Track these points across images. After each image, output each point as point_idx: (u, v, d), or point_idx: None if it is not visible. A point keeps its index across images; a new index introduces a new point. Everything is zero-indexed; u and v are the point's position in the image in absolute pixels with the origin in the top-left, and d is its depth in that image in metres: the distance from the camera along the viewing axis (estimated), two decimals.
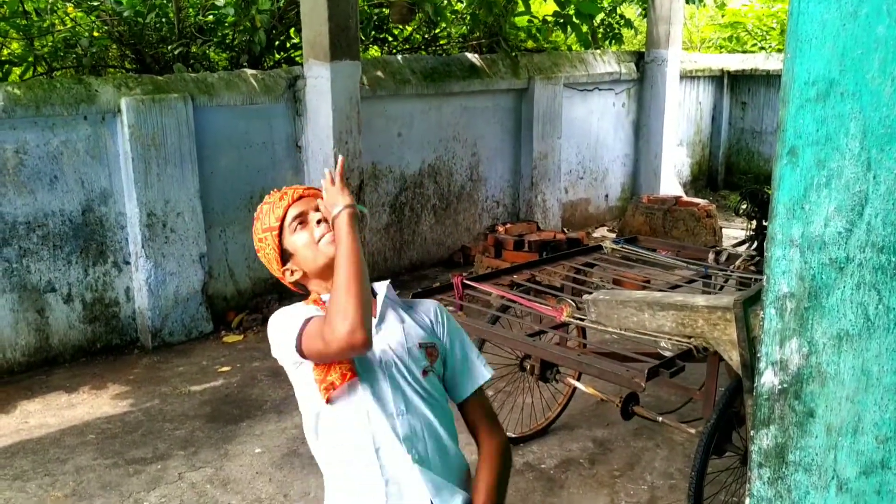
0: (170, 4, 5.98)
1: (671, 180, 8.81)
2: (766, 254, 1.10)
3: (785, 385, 1.12)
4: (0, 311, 4.50)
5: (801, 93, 1.04)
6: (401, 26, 7.38)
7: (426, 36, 7.67)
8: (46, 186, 4.58)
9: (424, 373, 1.70)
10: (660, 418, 3.07)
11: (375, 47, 7.36)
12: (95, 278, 4.86)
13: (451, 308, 3.43)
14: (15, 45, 6.51)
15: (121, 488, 3.41)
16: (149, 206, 4.87)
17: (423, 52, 7.38)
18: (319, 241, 1.70)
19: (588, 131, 8.20)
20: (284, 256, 1.76)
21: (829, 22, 1.00)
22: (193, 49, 6.16)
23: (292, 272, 1.76)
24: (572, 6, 7.19)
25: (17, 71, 6.11)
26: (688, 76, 9.21)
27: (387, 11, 6.97)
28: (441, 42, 7.71)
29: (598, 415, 4.02)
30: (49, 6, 5.91)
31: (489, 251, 6.17)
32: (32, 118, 4.45)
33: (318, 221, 1.71)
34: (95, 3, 5.80)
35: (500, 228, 6.49)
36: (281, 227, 1.73)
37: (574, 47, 8.42)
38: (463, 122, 6.82)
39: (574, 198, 8.23)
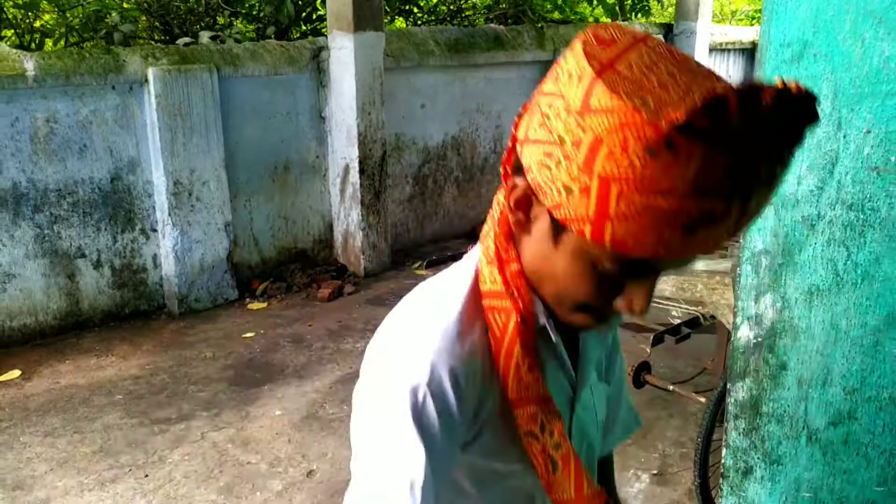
0: None
1: None
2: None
3: (759, 339, 1.16)
4: (32, 275, 4.65)
5: (777, 54, 1.07)
6: None
7: (451, 7, 7.67)
8: (76, 155, 4.70)
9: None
10: (671, 387, 3.11)
11: (401, 19, 7.38)
12: (123, 245, 4.99)
13: None
14: (47, 17, 6.64)
15: (146, 446, 3.54)
16: (175, 175, 4.97)
17: (449, 24, 7.38)
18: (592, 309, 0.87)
19: None
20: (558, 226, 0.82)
21: None
22: (220, 20, 6.23)
23: (520, 222, 0.87)
24: None
25: (49, 42, 6.24)
26: (717, 49, 9.09)
27: None
28: (466, 13, 7.70)
29: None
30: None
31: None
32: (63, 88, 4.56)
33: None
34: None
35: None
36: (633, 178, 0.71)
37: (601, 19, 8.35)
38: (487, 93, 6.82)
39: None
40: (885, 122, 0.99)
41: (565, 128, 0.73)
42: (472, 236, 6.79)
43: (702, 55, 8.31)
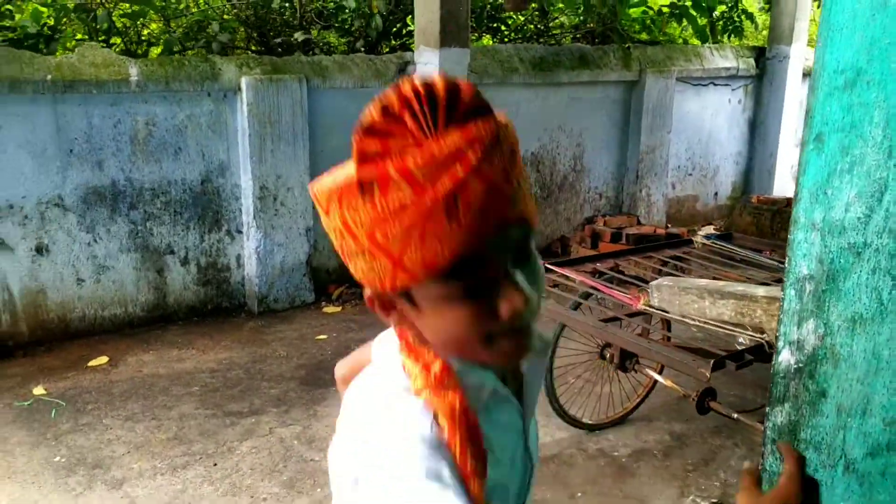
0: None
1: (786, 181, 8.50)
2: (789, 237, 1.14)
3: (800, 364, 1.16)
4: (125, 269, 4.91)
5: (830, 81, 1.07)
6: (514, 15, 7.45)
7: (539, 26, 7.71)
8: (171, 157, 4.95)
9: None
10: (735, 415, 3.06)
11: (488, 36, 7.47)
12: (210, 244, 5.21)
13: None
14: (154, 26, 7.02)
15: (217, 436, 3.69)
16: (262, 180, 5.17)
17: (536, 43, 7.42)
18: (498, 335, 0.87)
19: (700, 127, 8.02)
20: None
21: (860, 12, 1.03)
22: (314, 33, 6.45)
23: (394, 314, 0.93)
24: None
25: (154, 50, 6.58)
26: (811, 74, 8.84)
27: (501, 0, 7.06)
28: (554, 31, 7.74)
29: (679, 409, 4.00)
30: None
31: (585, 242, 6.19)
32: (162, 93, 4.82)
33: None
34: None
35: (600, 220, 6.48)
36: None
37: (690, 40, 8.24)
38: (569, 112, 6.83)
39: (681, 194, 8.08)
40: None
41: (330, 226, 0.86)
42: (547, 253, 6.79)
43: (795, 80, 8.10)
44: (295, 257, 5.42)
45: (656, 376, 3.50)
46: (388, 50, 6.70)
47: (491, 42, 7.31)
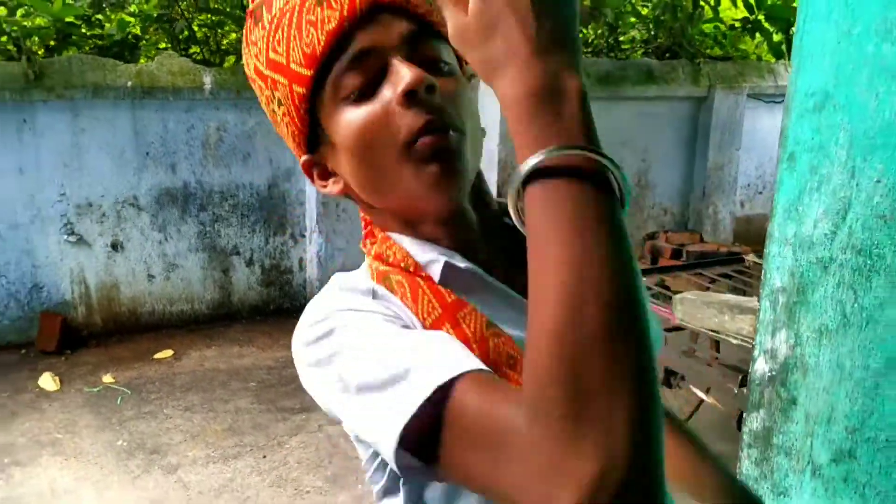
0: None
1: None
2: (765, 251, 1.20)
3: (774, 373, 1.21)
4: (193, 267, 5.17)
5: (802, 103, 1.13)
6: (584, 30, 7.48)
7: (609, 41, 7.72)
8: (240, 162, 5.19)
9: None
10: None
11: None
12: (274, 247, 5.43)
13: None
14: (233, 36, 7.33)
15: (268, 430, 3.86)
16: None
17: (605, 57, 7.44)
18: (413, 141, 0.76)
19: (772, 145, 7.87)
20: (314, 138, 0.84)
21: (828, 39, 1.09)
22: None
23: (332, 178, 0.86)
24: (763, 11, 6.95)
25: (231, 59, 6.88)
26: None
27: None
28: (624, 46, 7.73)
29: (729, 428, 3.97)
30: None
31: (645, 258, 6.16)
32: (233, 101, 5.06)
33: (415, 89, 0.75)
34: None
35: (662, 236, 6.44)
36: (314, 80, 0.78)
37: (765, 56, 8.10)
38: (634, 126, 6.82)
39: (750, 212, 7.94)
40: (894, 173, 1.02)
41: (256, 91, 0.85)
42: None
43: None
44: (354, 263, 5.49)
45: (700, 393, 3.49)
46: None
47: None
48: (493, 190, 5.70)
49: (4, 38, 5.03)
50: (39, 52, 5.01)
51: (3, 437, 3.72)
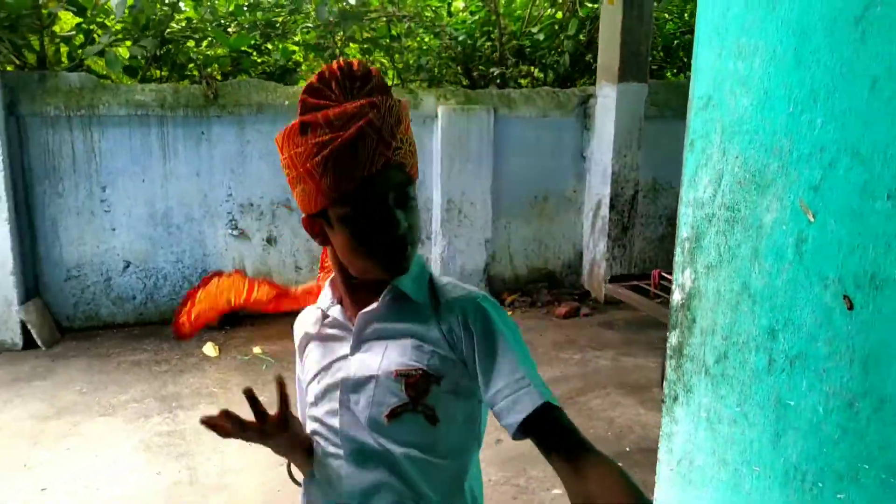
0: (495, 31, 7.11)
1: None
2: (677, 212, 1.64)
3: (683, 300, 1.65)
4: None
5: (696, 104, 1.58)
6: None
7: None
8: None
9: (392, 414, 1.23)
10: None
11: (672, 70, 7.81)
12: None
13: (636, 298, 3.91)
14: (385, 61, 8.19)
15: None
16: (449, 195, 5.99)
17: None
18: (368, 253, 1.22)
19: None
20: (317, 213, 1.23)
21: (708, 58, 1.54)
22: (511, 69, 7.23)
23: (319, 238, 1.28)
24: None
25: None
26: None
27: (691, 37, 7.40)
28: None
29: None
30: (405, 31, 7.39)
31: None
32: None
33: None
34: (437, 31, 7.14)
35: None
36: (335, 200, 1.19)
37: None
38: None
39: None
40: (746, 151, 1.44)
41: (283, 162, 1.23)
42: None
43: None
44: (474, 264, 6.18)
45: None
46: (582, 83, 7.31)
47: (672, 77, 7.66)
48: (606, 200, 6.01)
49: (191, 65, 6.05)
50: (218, 77, 5.99)
51: (173, 387, 4.59)
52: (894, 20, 1.16)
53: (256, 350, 5.17)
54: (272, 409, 1.27)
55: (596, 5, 6.79)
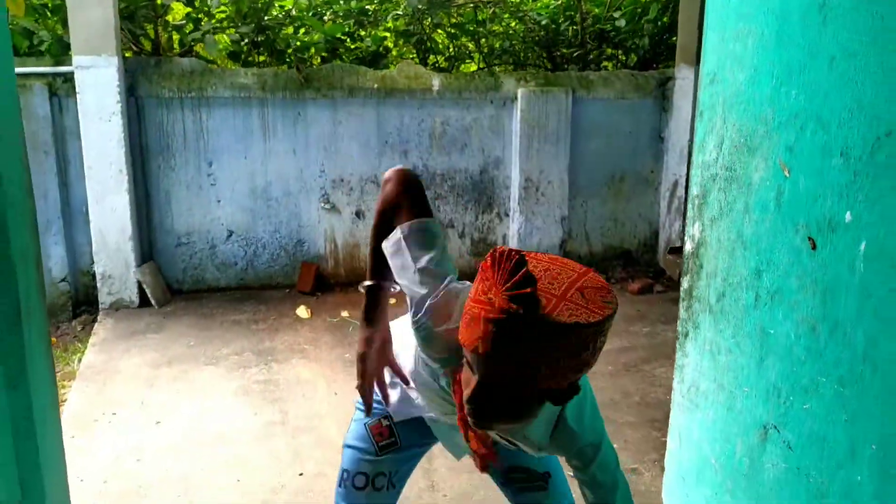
0: (577, 15, 7.32)
1: None
2: (690, 172, 1.91)
3: (693, 249, 1.92)
4: None
5: (704, 80, 1.85)
6: None
7: None
8: (458, 150, 6.27)
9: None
10: None
11: None
12: (482, 223, 6.45)
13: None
14: (472, 46, 8.51)
15: None
16: (527, 173, 6.28)
17: None
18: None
19: None
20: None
21: (715, 41, 1.80)
22: (593, 53, 7.43)
23: (462, 368, 1.52)
24: None
25: (468, 65, 8.04)
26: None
27: None
28: None
29: None
30: (490, 16, 7.69)
31: None
32: (455, 100, 6.15)
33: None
34: (521, 15, 7.40)
35: None
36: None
37: None
38: None
39: None
40: (741, 119, 1.69)
41: None
42: None
43: None
44: (550, 241, 6.45)
45: None
46: (664, 66, 7.43)
47: None
48: (682, 181, 6.09)
49: (290, 51, 6.54)
50: (315, 62, 6.45)
51: (269, 343, 5.08)
52: (848, 8, 1.41)
53: (344, 314, 5.61)
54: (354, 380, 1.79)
55: None
